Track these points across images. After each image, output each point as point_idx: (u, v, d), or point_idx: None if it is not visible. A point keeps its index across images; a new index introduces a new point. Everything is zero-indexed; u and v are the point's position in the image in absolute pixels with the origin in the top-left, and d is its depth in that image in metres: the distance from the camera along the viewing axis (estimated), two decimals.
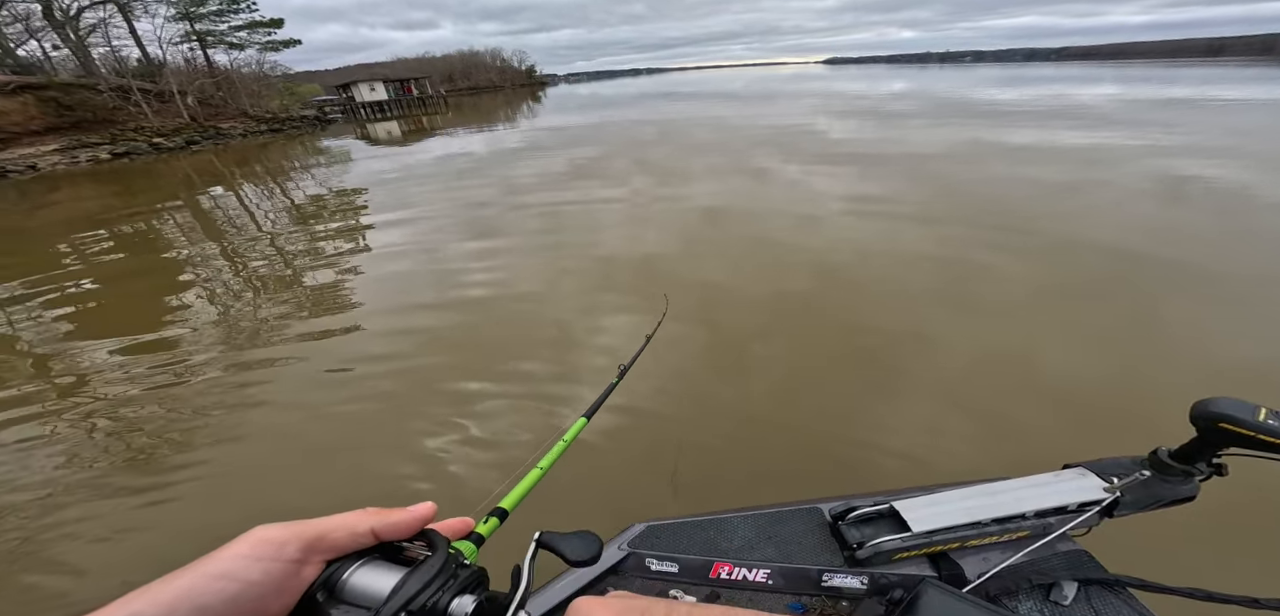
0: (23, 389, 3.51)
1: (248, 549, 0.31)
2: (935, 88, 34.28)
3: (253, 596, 0.30)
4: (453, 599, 0.34)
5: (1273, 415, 0.64)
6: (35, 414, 3.19)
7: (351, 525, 0.35)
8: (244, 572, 0.30)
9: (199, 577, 0.30)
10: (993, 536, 0.80)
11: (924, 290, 4.06)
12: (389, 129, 26.59)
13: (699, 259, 5.02)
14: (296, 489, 2.46)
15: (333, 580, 0.33)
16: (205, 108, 28.36)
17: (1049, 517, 0.80)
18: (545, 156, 12.30)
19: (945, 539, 0.79)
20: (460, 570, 0.36)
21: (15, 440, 2.92)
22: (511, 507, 0.56)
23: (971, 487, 0.85)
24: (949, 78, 53.93)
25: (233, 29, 32.47)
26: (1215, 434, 0.69)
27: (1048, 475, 0.85)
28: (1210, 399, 0.69)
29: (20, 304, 5.17)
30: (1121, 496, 0.78)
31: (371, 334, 3.94)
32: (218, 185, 12.20)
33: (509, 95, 68.51)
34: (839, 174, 8.22)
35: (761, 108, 22.44)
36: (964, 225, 5.50)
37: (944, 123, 14.77)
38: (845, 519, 0.86)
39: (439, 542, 0.37)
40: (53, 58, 26.25)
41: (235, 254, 6.47)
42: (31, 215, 10.39)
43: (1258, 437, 0.64)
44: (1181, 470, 0.75)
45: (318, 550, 0.34)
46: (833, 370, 3.15)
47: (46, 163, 18.09)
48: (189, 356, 3.81)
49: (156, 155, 20.91)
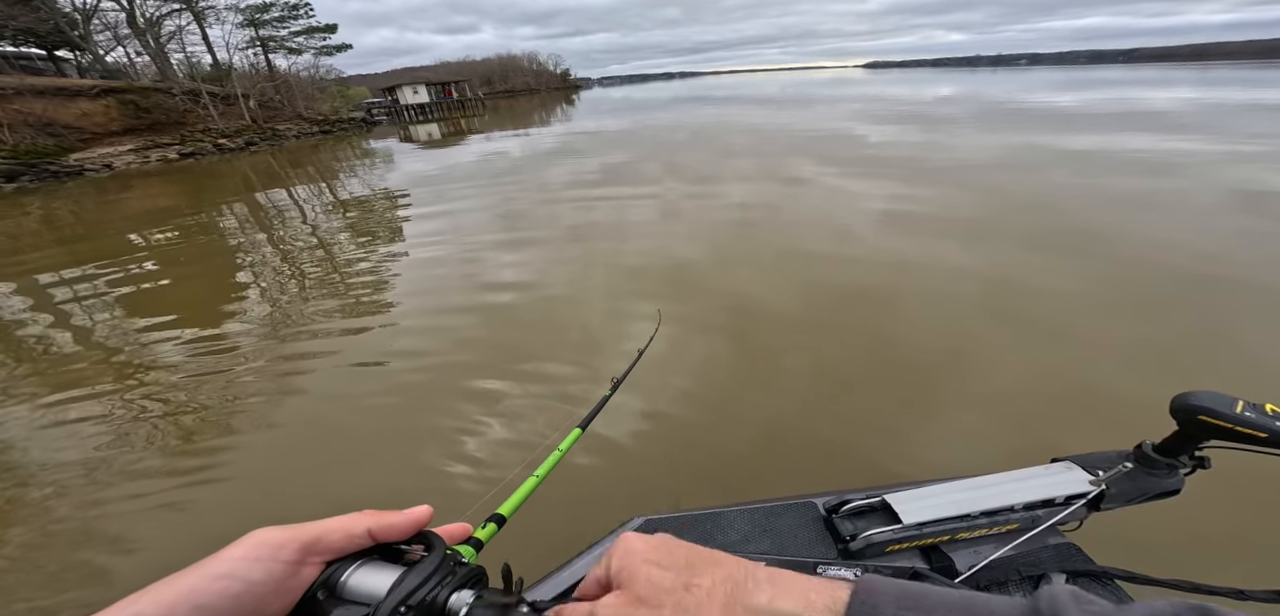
0: (85, 367, 3.84)
1: (247, 550, 0.32)
2: (986, 92, 32.67)
3: (253, 596, 0.31)
4: (451, 594, 0.34)
5: (1250, 407, 0.66)
6: (95, 393, 3.46)
7: (348, 527, 0.36)
8: (244, 573, 0.31)
9: (200, 578, 0.31)
10: (982, 529, 0.81)
11: (968, 305, 3.84)
12: (429, 131, 27.65)
13: (728, 265, 4.95)
14: (325, 479, 2.56)
15: (332, 580, 0.34)
16: (264, 110, 30.33)
17: (1037, 510, 0.82)
18: (578, 160, 12.46)
19: (936, 531, 0.81)
20: (458, 567, 0.37)
21: (75, 417, 3.18)
22: (509, 514, 0.56)
23: (961, 481, 0.87)
24: (1001, 81, 51.31)
25: (292, 34, 34.68)
26: (1195, 427, 0.70)
27: (1036, 468, 0.87)
28: (1190, 392, 0.71)
29: (89, 281, 5.67)
30: (1107, 489, 0.80)
31: (404, 330, 4.08)
32: (272, 184, 13.01)
33: (544, 98, 69.96)
34: (878, 182, 7.92)
35: (797, 112, 21.96)
36: (1015, 238, 5.18)
37: (995, 128, 14.03)
38: (839, 512, 0.88)
39: (436, 543, 0.38)
40: (134, 64, 28.82)
41: (283, 249, 6.86)
42: (107, 209, 11.39)
43: (1236, 430, 0.66)
44: (1165, 463, 0.77)
45: (315, 551, 0.35)
46: (863, 382, 3.02)
47: (121, 162, 19.74)
48: (236, 343, 4.05)
49: (219, 155, 22.51)
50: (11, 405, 3.43)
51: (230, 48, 31.12)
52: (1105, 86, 33.35)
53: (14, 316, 5.15)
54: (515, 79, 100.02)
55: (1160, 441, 0.79)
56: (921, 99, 27.68)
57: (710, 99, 39.94)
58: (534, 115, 33.68)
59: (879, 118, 17.92)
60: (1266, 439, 0.65)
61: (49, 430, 3.11)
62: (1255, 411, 0.66)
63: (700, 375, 3.18)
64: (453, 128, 28.48)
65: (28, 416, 3.28)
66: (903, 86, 44.48)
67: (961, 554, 0.81)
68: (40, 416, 3.26)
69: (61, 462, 2.78)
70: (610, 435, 2.63)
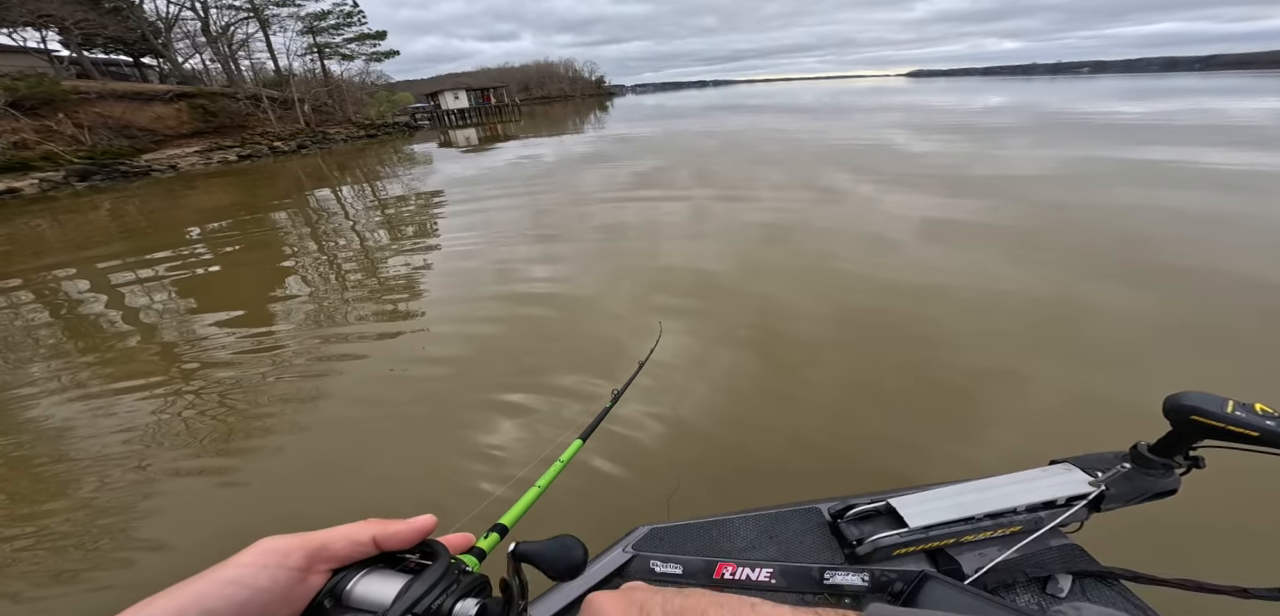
0: (140, 352, 4.15)
1: (254, 557, 0.33)
2: (1041, 101, 31.02)
3: (259, 602, 0.32)
4: (456, 603, 0.35)
5: (1240, 407, 0.67)
6: (146, 378, 3.73)
7: (353, 535, 0.37)
8: (251, 579, 0.32)
9: (209, 584, 0.31)
10: (986, 531, 0.82)
11: (1012, 327, 3.64)
12: (468, 136, 28.63)
13: (757, 276, 4.87)
14: (350, 477, 2.66)
15: (338, 588, 0.35)
16: (317, 114, 32.18)
17: (1039, 512, 0.83)
18: (609, 165, 12.60)
19: (941, 534, 0.82)
20: (463, 576, 0.37)
21: (131, 404, 3.43)
22: (512, 523, 0.57)
23: (964, 485, 0.88)
24: (1060, 90, 48.57)
25: (346, 41, 36.75)
26: (1188, 427, 0.72)
27: (1036, 471, 0.89)
28: (1181, 393, 0.72)
29: (150, 270, 6.14)
30: (1107, 490, 0.81)
31: (433, 334, 4.21)
32: (321, 185, 13.75)
33: (578, 104, 71.25)
34: (917, 194, 7.62)
35: (833, 122, 21.47)
36: (1070, 256, 4.87)
37: (1051, 140, 13.28)
38: (844, 517, 0.88)
39: (440, 551, 0.39)
40: (207, 70, 31.22)
41: (326, 247, 7.23)
42: (172, 206, 12.33)
43: (1227, 429, 0.67)
44: (1161, 463, 0.79)
45: (321, 559, 0.35)
46: (893, 399, 2.90)
47: (186, 163, 21.27)
48: (277, 336, 4.29)
49: (274, 157, 23.99)
50: (71, 385, 3.75)
51: (289, 54, 33.33)
52: (1177, 96, 31.05)
53: (81, 302, 5.64)
54: (551, 85, 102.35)
55: (1155, 442, 0.80)
56: (968, 108, 26.52)
57: (743, 107, 39.64)
58: (567, 121, 34.34)
59: (921, 127, 17.30)
60: (1258, 437, 0.66)
61: (102, 408, 3.37)
62: (1245, 410, 0.67)
63: (722, 386, 3.14)
64: (489, 132, 29.41)
65: (84, 397, 3.57)
66: (948, 95, 42.67)
67: (968, 556, 0.82)
68: (96, 395, 3.55)
69: (109, 440, 3.01)
70: (629, 439, 2.62)
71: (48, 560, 2.23)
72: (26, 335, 4.84)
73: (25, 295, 6.01)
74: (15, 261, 7.56)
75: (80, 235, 9.44)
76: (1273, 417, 0.67)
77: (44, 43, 27.81)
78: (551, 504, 2.08)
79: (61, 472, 2.78)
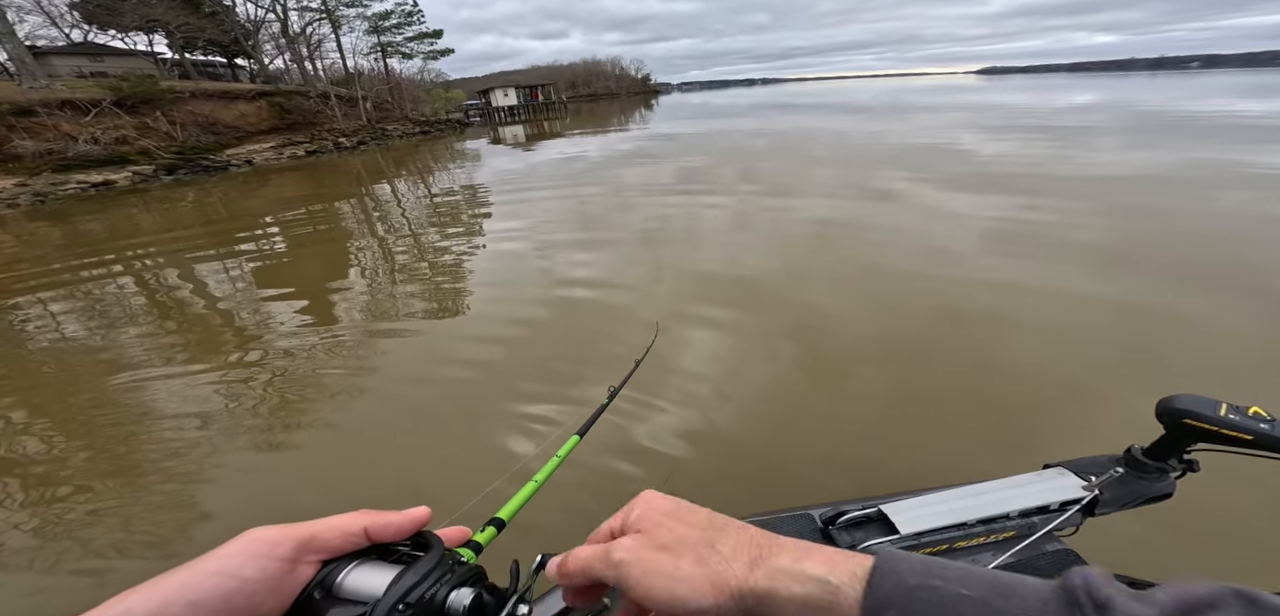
0: (214, 330, 4.54)
1: (242, 547, 0.33)
2: (1139, 98, 28.21)
3: (246, 593, 0.32)
4: (450, 592, 0.35)
5: (1234, 410, 0.67)
6: (216, 358, 4.06)
7: (345, 526, 0.37)
8: (238, 570, 0.32)
9: (195, 574, 0.31)
10: (979, 538, 0.82)
11: (1092, 343, 3.29)
12: (515, 133, 29.54)
13: (801, 279, 4.71)
14: (390, 455, 2.77)
15: (329, 579, 0.35)
16: (377, 111, 34.32)
17: (1032, 517, 0.83)
18: (653, 164, 12.59)
19: (934, 540, 0.81)
20: (457, 566, 0.37)
21: (199, 377, 3.75)
22: (508, 518, 0.57)
23: (956, 490, 0.87)
24: (1161, 87, 43.93)
25: (406, 40, 38.98)
26: (1181, 430, 0.72)
27: (1029, 475, 0.88)
28: (1174, 396, 0.73)
29: (226, 252, 6.74)
30: (1101, 494, 0.81)
31: (475, 321, 4.35)
32: (379, 179, 14.63)
33: (623, 102, 71.80)
34: (986, 197, 7.08)
35: (891, 122, 20.38)
36: (1167, 269, 4.36)
37: (1150, 141, 12.00)
38: (836, 523, 0.88)
39: (434, 542, 0.38)
40: (288, 70, 34.08)
41: (381, 238, 7.66)
42: (248, 198, 13.50)
43: (1220, 432, 0.67)
44: (1155, 467, 0.79)
45: (311, 550, 0.35)
46: (948, 414, 2.70)
47: (261, 158, 23.12)
48: (336, 317, 4.57)
49: (337, 153, 25.71)
50: (151, 354, 4.16)
51: (355, 53, 35.77)
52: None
53: (164, 281, 6.26)
54: (598, 83, 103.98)
55: (1149, 445, 0.81)
56: (1050, 107, 24.39)
57: (793, 106, 38.49)
58: (612, 119, 34.67)
59: (993, 128, 16.09)
60: (1252, 441, 0.65)
61: (173, 376, 3.71)
62: (1238, 414, 0.67)
63: (760, 392, 3.03)
64: (537, 129, 30.21)
65: (159, 366, 3.95)
66: (1025, 94, 39.30)
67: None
68: (169, 365, 3.92)
69: (176, 405, 3.31)
70: (653, 440, 2.58)
71: (108, 513, 2.47)
72: (118, 305, 5.45)
73: (119, 271, 6.76)
74: (110, 244, 8.54)
75: (167, 221, 10.53)
76: (1266, 420, 0.66)
77: (151, 46, 31.41)
78: (562, 502, 2.10)
79: (133, 432, 3.08)
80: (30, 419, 3.38)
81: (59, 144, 16.77)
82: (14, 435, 3.19)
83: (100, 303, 5.65)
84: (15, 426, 3.29)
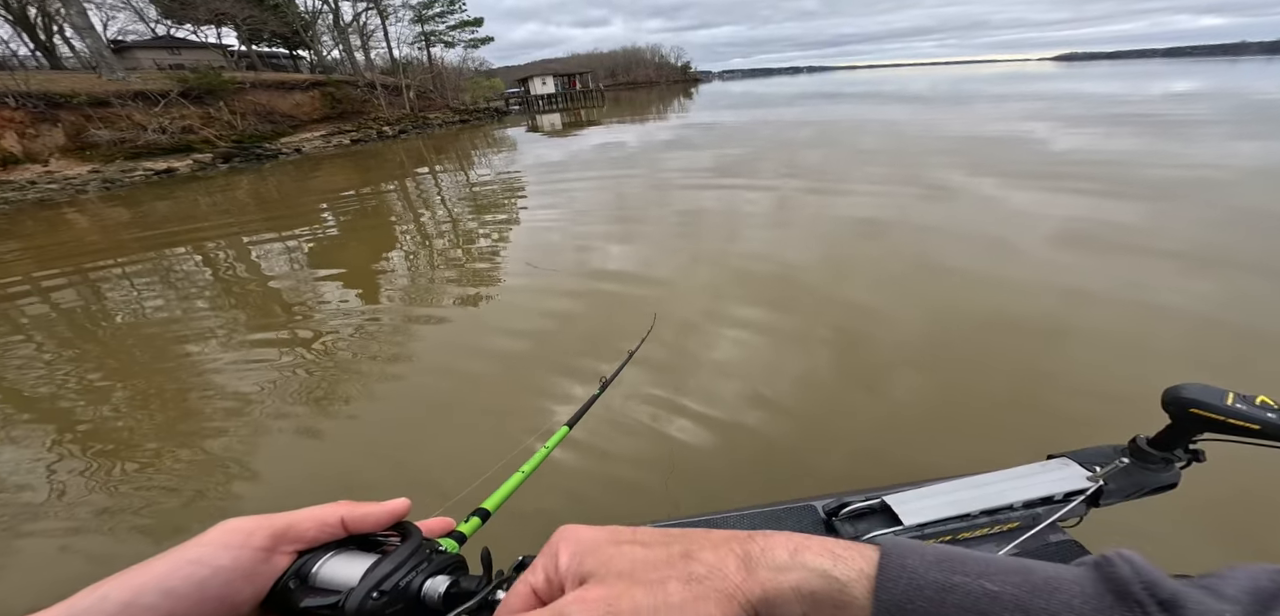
0: (268, 307, 4.82)
1: (217, 537, 0.34)
2: (1249, 85, 25.48)
3: (220, 581, 0.32)
4: (425, 580, 0.36)
5: (1241, 399, 0.67)
6: (268, 334, 4.31)
7: (321, 517, 0.37)
8: (212, 558, 0.33)
9: (169, 564, 0.32)
10: (983, 528, 0.83)
11: (1178, 357, 2.98)
12: (552, 121, 29.96)
13: (844, 274, 4.53)
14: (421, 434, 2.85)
15: (304, 569, 0.36)
16: (420, 100, 35.61)
17: (1037, 508, 0.84)
18: (691, 153, 12.45)
19: (937, 531, 0.82)
20: (434, 555, 0.38)
21: (254, 351, 3.99)
22: (494, 508, 0.58)
23: (959, 480, 0.88)
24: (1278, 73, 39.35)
25: (449, 29, 40.15)
26: (1187, 420, 0.73)
27: (1033, 466, 0.89)
28: (1180, 385, 0.73)
29: (280, 235, 7.16)
30: (1105, 485, 0.82)
31: (509, 308, 4.43)
32: (421, 166, 15.19)
33: (662, 91, 71.41)
34: (1058, 194, 6.54)
35: (948, 111, 19.22)
36: (1271, 275, 3.89)
37: (1259, 132, 10.76)
38: (839, 515, 0.88)
39: (412, 532, 0.39)
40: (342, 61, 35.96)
41: (422, 223, 7.94)
42: (300, 185, 14.32)
43: (1227, 421, 0.68)
44: (1160, 457, 0.80)
45: (286, 540, 0.36)
46: (1006, 427, 2.53)
47: (310, 147, 24.43)
48: (382, 297, 4.79)
49: (381, 141, 26.85)
50: (213, 329, 4.46)
51: (399, 42, 37.23)
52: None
53: (224, 262, 6.71)
54: (637, 71, 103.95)
55: (1154, 435, 0.81)
56: (1141, 95, 22.21)
57: (841, 95, 36.99)
58: (650, 108, 34.51)
59: (1070, 119, 14.84)
60: (1259, 431, 0.66)
61: (231, 349, 3.97)
62: (1246, 403, 0.67)
63: (792, 390, 2.91)
64: (574, 118, 30.52)
65: (218, 340, 4.23)
66: (1111, 82, 35.84)
67: None
68: (226, 339, 4.19)
69: (232, 377, 3.53)
70: (680, 430, 2.54)
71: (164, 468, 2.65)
72: (187, 281, 5.92)
73: (191, 251, 7.32)
74: (173, 225, 9.26)
75: (226, 203, 11.33)
76: (1274, 410, 0.66)
77: (220, 39, 33.84)
78: (563, 487, 2.07)
79: (191, 400, 3.32)
80: (109, 382, 3.72)
81: (130, 133, 18.26)
82: (95, 397, 3.51)
83: (171, 278, 6.15)
84: (95, 387, 3.63)
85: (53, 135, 17.00)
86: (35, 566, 2.21)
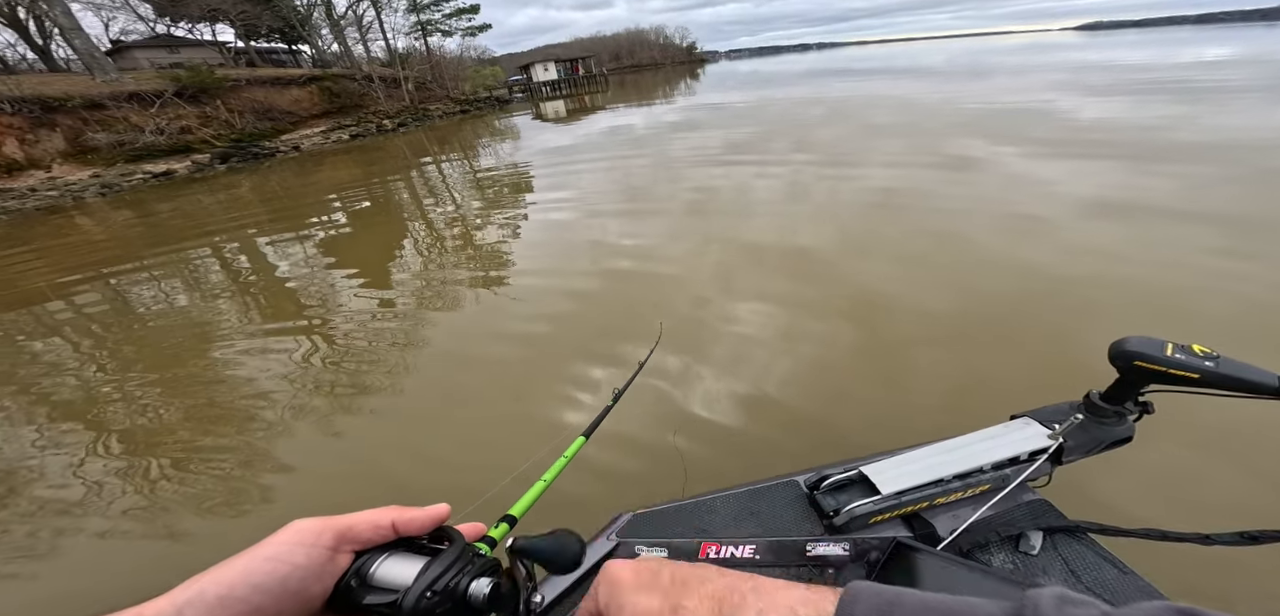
0: (282, 307, 4.89)
1: (290, 536, 0.38)
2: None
3: (298, 577, 0.36)
4: (471, 581, 0.40)
5: (1180, 349, 0.72)
6: (286, 329, 4.38)
7: (375, 520, 0.41)
8: (290, 556, 0.36)
9: (253, 561, 0.35)
10: (957, 493, 0.87)
11: (1219, 326, 2.92)
12: (556, 107, 29.80)
13: (860, 253, 4.48)
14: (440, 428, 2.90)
15: (363, 569, 0.39)
16: (419, 92, 35.60)
17: (1005, 469, 0.88)
18: (700, 133, 12.36)
19: (914, 499, 0.86)
20: (476, 558, 0.42)
21: (275, 346, 4.05)
22: (520, 514, 0.62)
23: (931, 446, 0.93)
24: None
25: (444, 17, 40.01)
26: (1132, 372, 0.77)
27: (997, 427, 0.94)
28: (1125, 338, 0.77)
29: (286, 232, 7.25)
30: (1065, 442, 0.87)
31: (520, 300, 4.44)
32: (423, 157, 15.24)
33: (668, 73, 70.67)
34: (1086, 163, 6.41)
35: (967, 85, 18.76)
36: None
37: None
38: (820, 488, 0.92)
39: (455, 536, 0.44)
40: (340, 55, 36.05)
41: (429, 215, 8.00)
42: (302, 182, 14.44)
43: (1168, 372, 0.72)
44: (1112, 411, 0.85)
45: (347, 540, 0.39)
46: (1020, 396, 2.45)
47: (308, 143, 24.43)
48: (395, 289, 4.84)
49: (380, 135, 26.86)
50: (234, 329, 4.54)
51: (396, 33, 37.20)
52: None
53: (233, 262, 6.81)
54: (642, 53, 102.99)
55: (1105, 389, 0.86)
56: (1171, 63, 21.48)
57: (853, 71, 36.31)
58: (656, 90, 34.19)
59: (1097, 89, 14.44)
60: (1198, 379, 0.70)
61: (254, 347, 4.05)
62: (1184, 353, 0.71)
63: (806, 375, 2.91)
64: (578, 103, 30.36)
65: (240, 338, 4.31)
66: (1139, 50, 34.64)
67: (941, 519, 0.87)
68: (248, 337, 4.27)
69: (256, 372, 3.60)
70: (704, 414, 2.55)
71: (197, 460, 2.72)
72: (203, 281, 6.03)
73: (193, 254, 7.44)
74: (177, 227, 9.40)
75: (227, 200, 11.47)
76: (1211, 358, 0.70)
77: (215, 35, 34.04)
78: (580, 494, 2.09)
79: (217, 396, 3.39)
80: (139, 382, 3.83)
81: (129, 135, 18.33)
82: (119, 388, 3.60)
83: (187, 278, 6.26)
84: (119, 380, 3.72)
85: (53, 140, 17.16)
86: (103, 562, 2.28)
